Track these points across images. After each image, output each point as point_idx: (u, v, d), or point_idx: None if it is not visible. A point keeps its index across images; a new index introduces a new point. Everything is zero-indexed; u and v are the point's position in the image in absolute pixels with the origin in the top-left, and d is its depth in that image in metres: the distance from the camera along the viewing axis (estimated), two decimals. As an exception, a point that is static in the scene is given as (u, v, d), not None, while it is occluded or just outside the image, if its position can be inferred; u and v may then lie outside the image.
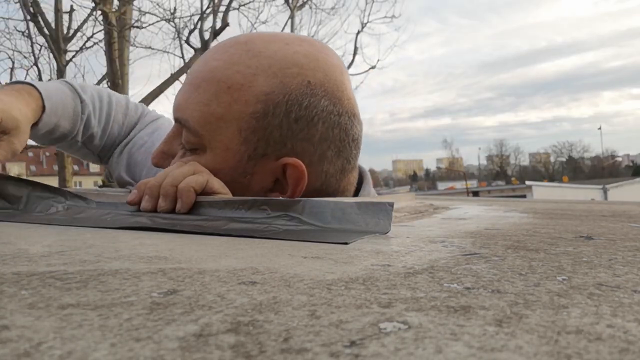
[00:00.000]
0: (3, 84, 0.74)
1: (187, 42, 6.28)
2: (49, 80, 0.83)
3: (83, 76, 6.09)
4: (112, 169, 0.88)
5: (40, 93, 0.71)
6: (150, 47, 6.36)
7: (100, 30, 5.79)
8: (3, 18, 5.97)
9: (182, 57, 6.32)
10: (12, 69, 6.18)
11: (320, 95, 0.58)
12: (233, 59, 0.58)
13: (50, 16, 5.74)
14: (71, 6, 5.81)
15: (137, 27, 5.97)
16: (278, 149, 0.58)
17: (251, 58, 0.58)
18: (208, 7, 6.28)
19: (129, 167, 0.85)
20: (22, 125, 0.65)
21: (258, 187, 0.59)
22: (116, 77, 5.41)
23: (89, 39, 5.93)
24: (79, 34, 5.97)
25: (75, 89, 0.79)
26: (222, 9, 6.35)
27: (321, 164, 0.60)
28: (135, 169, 0.84)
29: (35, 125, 0.72)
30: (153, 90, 5.90)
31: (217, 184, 0.56)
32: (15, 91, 0.69)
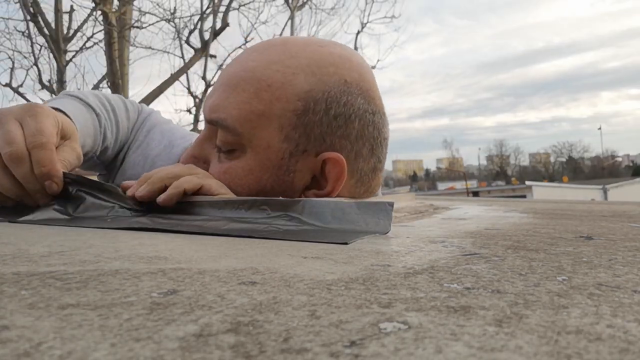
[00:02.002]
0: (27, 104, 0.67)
1: (187, 42, 6.27)
2: (56, 96, 0.79)
3: (83, 76, 6.06)
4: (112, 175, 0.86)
5: (68, 115, 0.67)
6: (150, 47, 6.35)
7: (100, 31, 5.78)
8: (3, 18, 5.96)
9: (182, 57, 6.32)
10: (12, 69, 6.18)
11: (356, 94, 0.59)
12: (271, 59, 0.59)
13: (50, 16, 5.73)
14: (71, 6, 5.80)
15: (137, 27, 5.96)
16: (318, 145, 0.58)
17: (289, 58, 0.59)
18: (208, 8, 6.27)
19: (124, 171, 0.82)
20: (74, 135, 0.63)
21: (300, 184, 0.59)
22: (116, 77, 5.40)
23: (89, 39, 5.92)
24: (79, 34, 5.95)
25: (88, 103, 0.75)
26: (222, 9, 6.34)
27: (357, 161, 0.60)
28: (131, 171, 0.81)
29: None
30: (153, 91, 5.90)
31: (215, 185, 0.56)
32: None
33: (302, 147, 0.58)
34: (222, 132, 0.59)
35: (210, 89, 0.66)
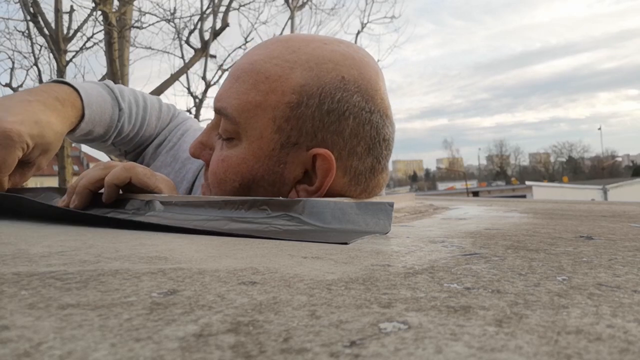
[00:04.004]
0: (48, 83, 0.75)
1: (187, 42, 6.27)
2: (95, 82, 0.89)
3: (83, 76, 6.07)
4: None
5: (82, 102, 0.74)
6: (150, 48, 6.35)
7: (100, 31, 5.78)
8: (3, 18, 5.96)
9: (182, 57, 6.31)
10: (12, 69, 6.19)
11: (352, 91, 0.60)
12: (273, 53, 0.61)
13: (50, 16, 5.73)
14: (71, 6, 5.79)
15: (137, 27, 5.95)
16: (309, 140, 0.59)
17: (290, 53, 0.60)
18: (208, 8, 6.27)
19: (155, 169, 0.87)
20: (52, 147, 0.68)
21: (291, 177, 0.61)
22: (116, 78, 5.40)
23: (89, 39, 5.92)
24: (79, 34, 5.95)
25: (116, 96, 0.81)
26: (222, 9, 6.34)
27: (350, 159, 0.61)
28: (162, 170, 0.86)
29: (71, 131, 0.75)
30: (153, 91, 5.89)
31: (141, 173, 0.59)
32: (60, 103, 0.70)
33: (294, 140, 0.59)
34: (224, 121, 0.61)
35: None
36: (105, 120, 0.79)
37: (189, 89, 6.44)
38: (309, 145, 0.59)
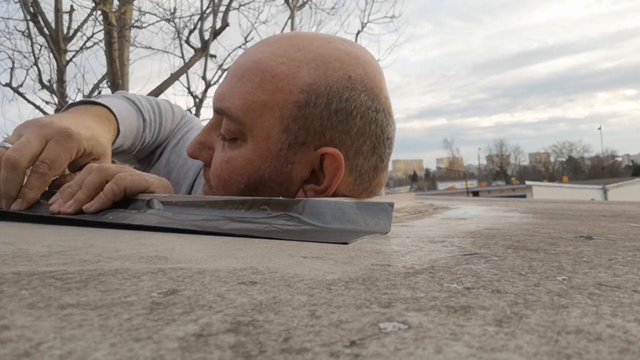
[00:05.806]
0: (81, 105, 0.75)
1: (187, 42, 6.27)
2: (112, 94, 0.88)
3: (83, 76, 6.05)
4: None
5: (116, 118, 0.75)
6: (150, 47, 6.35)
7: (100, 30, 5.77)
8: (3, 18, 5.96)
9: (182, 57, 6.31)
10: (12, 68, 6.18)
11: (359, 90, 0.59)
12: (278, 51, 0.60)
13: (50, 16, 5.72)
14: (71, 6, 5.79)
15: (137, 27, 5.95)
16: (317, 139, 0.59)
17: (295, 52, 0.60)
18: (208, 7, 6.27)
19: (159, 165, 0.88)
20: (107, 151, 0.69)
21: (298, 177, 0.60)
22: (116, 77, 5.40)
23: (89, 39, 5.91)
24: (79, 34, 5.94)
25: (139, 107, 0.82)
26: (222, 9, 6.34)
27: (356, 158, 0.60)
28: (166, 168, 0.87)
29: None
30: (153, 90, 5.89)
31: (130, 181, 0.59)
32: (98, 117, 0.72)
33: (301, 140, 0.58)
34: (226, 121, 0.60)
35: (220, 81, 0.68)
36: (133, 133, 0.80)
37: (189, 88, 6.44)
38: (317, 144, 0.59)
